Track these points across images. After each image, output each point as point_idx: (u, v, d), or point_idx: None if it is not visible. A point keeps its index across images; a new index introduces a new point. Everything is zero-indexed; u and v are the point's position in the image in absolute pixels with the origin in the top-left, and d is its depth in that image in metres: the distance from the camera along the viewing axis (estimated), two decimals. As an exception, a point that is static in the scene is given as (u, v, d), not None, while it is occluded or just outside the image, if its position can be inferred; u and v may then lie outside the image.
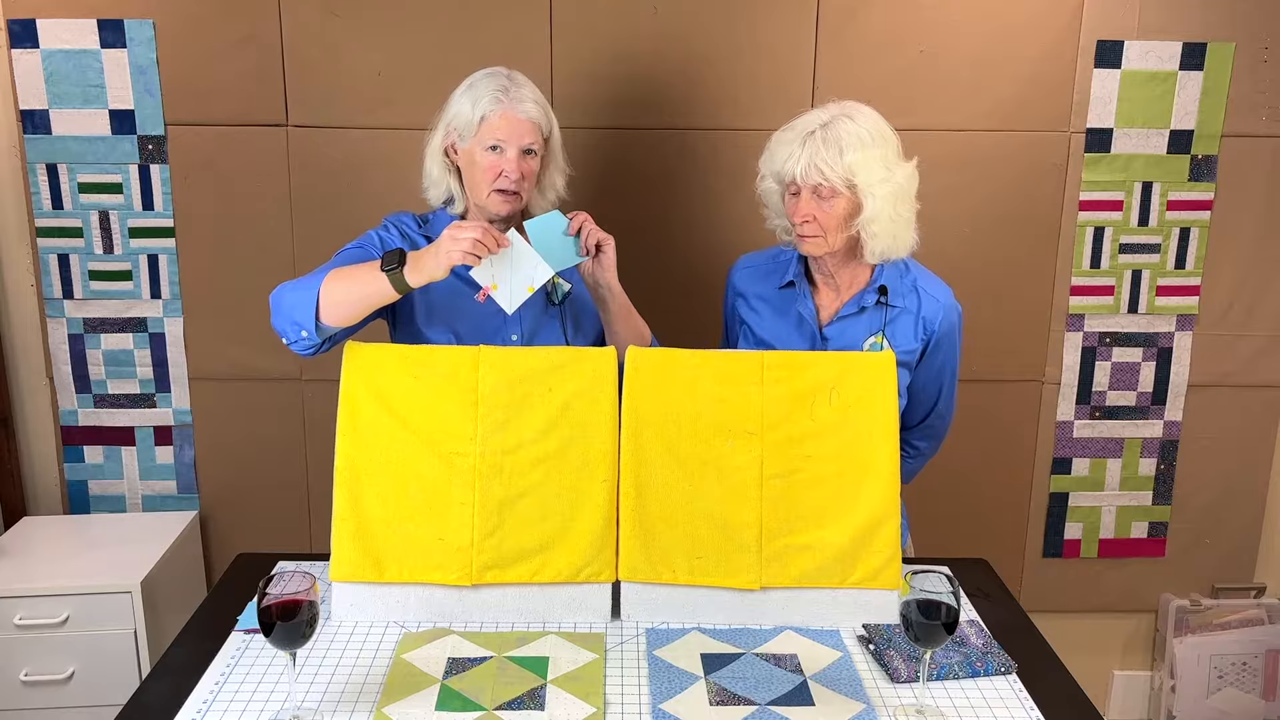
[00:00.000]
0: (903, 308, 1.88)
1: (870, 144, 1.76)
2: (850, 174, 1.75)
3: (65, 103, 2.45)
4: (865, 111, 1.80)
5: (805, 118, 1.82)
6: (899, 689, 1.52)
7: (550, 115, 1.89)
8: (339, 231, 2.52)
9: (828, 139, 1.75)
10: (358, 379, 1.69)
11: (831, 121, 1.77)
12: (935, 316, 1.88)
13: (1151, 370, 2.71)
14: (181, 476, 2.68)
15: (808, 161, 1.75)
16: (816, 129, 1.77)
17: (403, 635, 1.62)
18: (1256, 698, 2.79)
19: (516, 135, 1.82)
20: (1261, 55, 2.52)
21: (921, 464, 2.09)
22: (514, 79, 1.85)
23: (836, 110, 1.80)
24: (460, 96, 1.86)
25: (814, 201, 1.78)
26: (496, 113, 1.81)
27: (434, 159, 1.92)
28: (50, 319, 2.58)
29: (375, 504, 1.66)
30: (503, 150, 1.82)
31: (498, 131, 1.82)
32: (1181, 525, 2.81)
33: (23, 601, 2.29)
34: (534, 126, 1.83)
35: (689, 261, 2.59)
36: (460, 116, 1.84)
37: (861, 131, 1.76)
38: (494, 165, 1.83)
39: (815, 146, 1.75)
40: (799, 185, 1.79)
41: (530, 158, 1.85)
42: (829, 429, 1.69)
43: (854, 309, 1.88)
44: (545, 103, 1.88)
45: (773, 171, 1.85)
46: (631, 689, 1.50)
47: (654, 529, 1.67)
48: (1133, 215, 2.62)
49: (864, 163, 1.75)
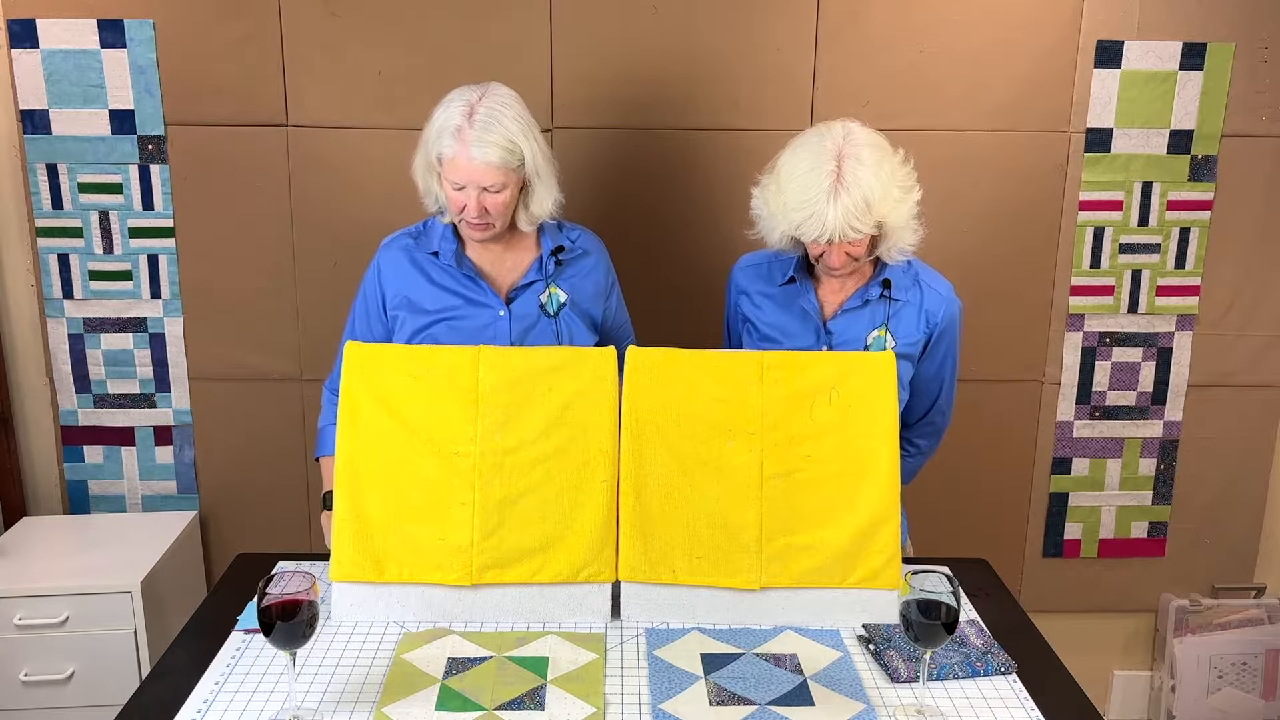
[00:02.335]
0: (905, 300, 1.89)
1: (885, 180, 1.73)
2: (878, 217, 1.74)
3: (65, 103, 2.45)
4: (857, 136, 1.75)
5: (803, 165, 1.75)
6: (899, 689, 1.52)
7: (521, 148, 1.79)
8: (339, 231, 2.54)
9: (849, 189, 1.70)
10: (358, 379, 1.69)
11: (842, 168, 1.71)
12: (938, 309, 1.89)
13: (1151, 370, 2.71)
14: (181, 476, 2.68)
15: (841, 224, 1.71)
16: (832, 184, 1.70)
17: (403, 635, 1.62)
18: (1256, 698, 2.79)
19: (473, 179, 1.78)
20: (1261, 55, 2.52)
21: (922, 462, 2.09)
22: (475, 117, 1.76)
23: (833, 148, 1.73)
24: (433, 121, 1.82)
25: (844, 247, 1.77)
26: (451, 156, 1.77)
27: (420, 171, 1.89)
28: (50, 319, 2.58)
29: (375, 504, 1.66)
30: (464, 189, 1.80)
31: (454, 174, 1.78)
32: (1181, 525, 2.81)
33: (23, 601, 2.29)
34: (492, 169, 1.77)
35: (688, 261, 2.59)
36: (429, 140, 1.82)
37: (877, 170, 1.72)
38: (457, 200, 1.81)
39: (842, 204, 1.70)
40: (832, 241, 1.76)
41: (495, 193, 1.80)
42: (829, 429, 1.69)
43: (858, 302, 1.89)
44: (516, 135, 1.78)
45: (790, 229, 1.78)
46: (631, 689, 1.50)
47: (654, 529, 1.67)
48: (1133, 215, 2.62)
49: (885, 202, 1.73)
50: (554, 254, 1.93)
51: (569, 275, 1.96)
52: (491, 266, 1.94)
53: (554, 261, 1.94)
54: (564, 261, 1.95)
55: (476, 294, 1.91)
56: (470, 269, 1.91)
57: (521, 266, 1.95)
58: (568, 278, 1.96)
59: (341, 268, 2.55)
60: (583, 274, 1.98)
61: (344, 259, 2.54)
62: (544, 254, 1.93)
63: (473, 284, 1.91)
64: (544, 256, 1.93)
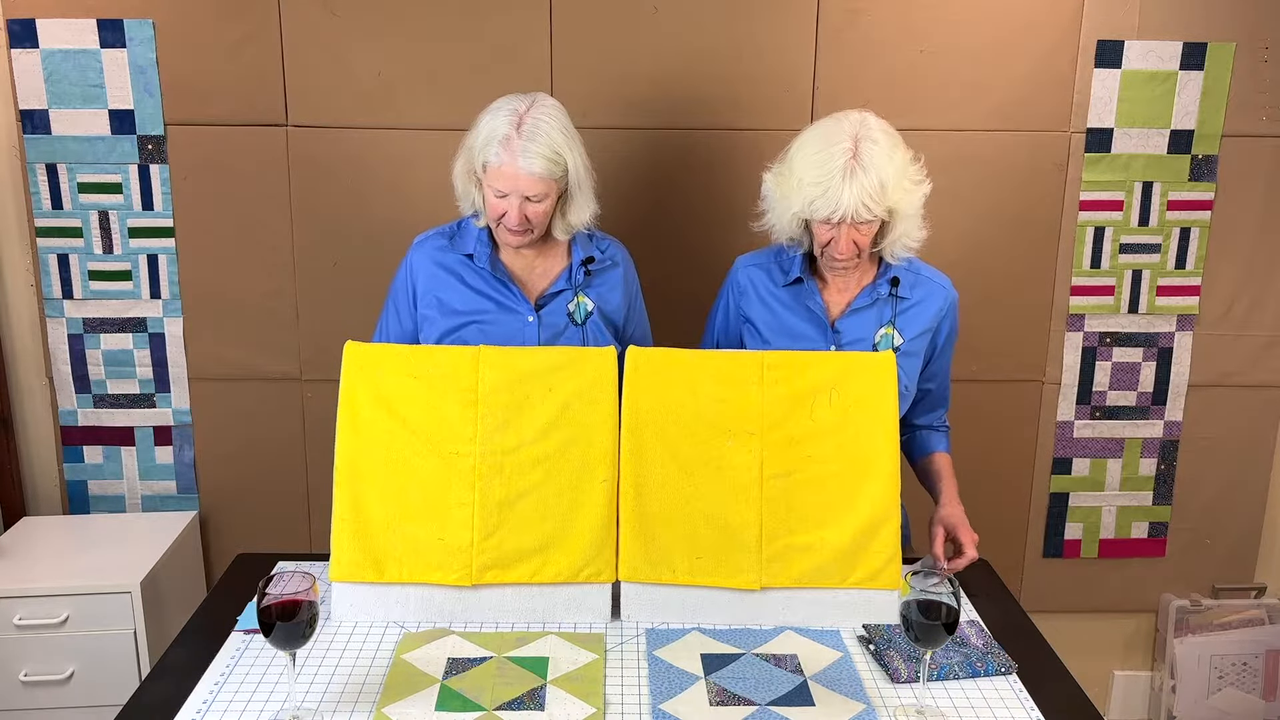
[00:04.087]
0: (910, 298, 1.90)
1: (899, 166, 1.74)
2: (890, 203, 1.75)
3: (65, 103, 2.45)
4: (872, 124, 1.76)
5: (818, 146, 1.75)
6: (899, 689, 1.52)
7: (565, 159, 1.81)
8: (339, 231, 2.54)
9: (866, 170, 1.71)
10: (358, 379, 1.69)
11: (858, 149, 1.72)
12: (941, 298, 1.92)
13: (1152, 370, 2.71)
14: (181, 476, 2.68)
15: (856, 202, 1.71)
16: (848, 163, 1.71)
17: (403, 635, 1.62)
18: (1256, 698, 2.79)
19: (517, 188, 1.80)
20: (1261, 55, 2.52)
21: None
22: (523, 127, 1.78)
23: (850, 131, 1.74)
24: (479, 128, 1.83)
25: (853, 231, 1.77)
26: (497, 165, 1.79)
27: (460, 176, 1.90)
28: (50, 319, 2.58)
29: (375, 504, 1.66)
30: (506, 197, 1.81)
31: (498, 182, 1.80)
32: (1181, 525, 2.81)
33: (23, 601, 2.29)
34: (536, 180, 1.79)
35: (688, 261, 2.59)
36: (473, 151, 1.84)
37: (891, 155, 1.73)
38: (497, 207, 1.83)
39: (859, 183, 1.70)
40: (844, 221, 1.75)
41: (537, 203, 1.82)
42: (829, 429, 1.69)
43: (866, 301, 1.89)
44: (562, 146, 1.80)
45: (805, 210, 1.77)
46: (631, 689, 1.50)
47: (654, 529, 1.67)
48: (1133, 215, 2.62)
49: (898, 188, 1.74)
50: (584, 264, 1.95)
51: (597, 285, 1.97)
52: (524, 272, 1.95)
53: (584, 271, 1.95)
54: (593, 272, 1.96)
55: (508, 298, 1.92)
56: (504, 273, 1.92)
57: (552, 274, 1.96)
58: (595, 287, 1.97)
59: (341, 268, 2.55)
60: (610, 285, 1.99)
61: (344, 259, 2.54)
62: (574, 263, 1.95)
63: (504, 288, 1.92)
64: (574, 265, 1.94)
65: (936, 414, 2.05)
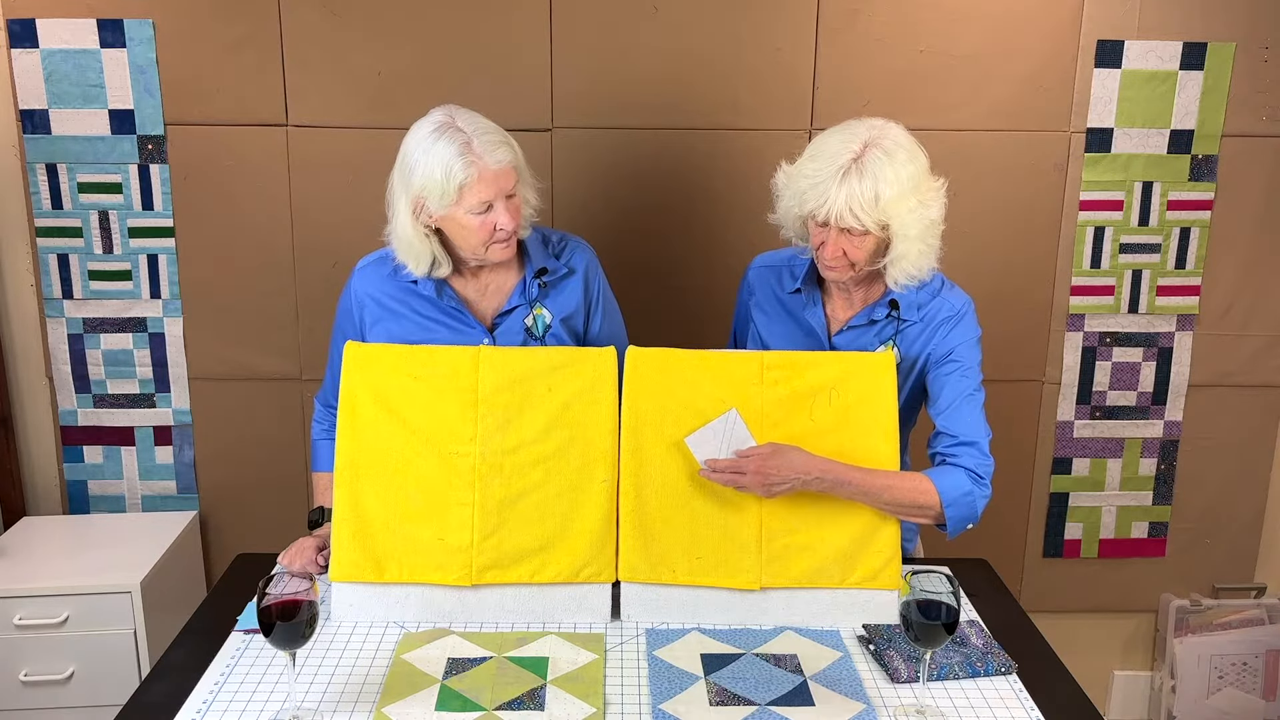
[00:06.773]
0: (911, 319, 1.81)
1: (905, 183, 1.66)
2: (885, 217, 1.66)
3: (65, 102, 2.45)
4: (894, 134, 1.69)
5: (831, 143, 1.70)
6: (899, 689, 1.52)
7: (513, 141, 1.75)
8: (339, 231, 2.54)
9: (863, 176, 1.64)
10: (358, 379, 1.69)
11: (864, 155, 1.65)
12: (943, 320, 1.80)
13: (1152, 370, 2.71)
14: (181, 476, 2.68)
15: (843, 205, 1.65)
16: (849, 164, 1.66)
17: (403, 635, 1.62)
18: (1256, 698, 2.79)
19: (500, 188, 1.71)
20: (1261, 55, 2.52)
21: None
22: (466, 130, 1.70)
23: (865, 135, 1.68)
24: (422, 162, 1.70)
25: (844, 239, 1.71)
26: (473, 176, 1.68)
27: (408, 228, 1.76)
28: (50, 319, 2.58)
29: (375, 504, 1.66)
30: (492, 207, 1.72)
31: (482, 194, 1.70)
32: (1181, 525, 2.81)
33: (23, 601, 2.29)
34: (509, 169, 1.72)
35: (688, 261, 2.59)
36: (431, 186, 1.70)
37: (899, 169, 1.65)
38: (486, 224, 1.73)
39: (851, 187, 1.64)
40: (829, 223, 1.70)
41: (512, 197, 1.75)
42: (829, 429, 1.69)
43: (864, 320, 1.84)
44: (503, 130, 1.75)
45: (798, 203, 1.74)
46: (631, 689, 1.50)
47: (654, 529, 1.67)
48: (1133, 215, 2.62)
49: (899, 205, 1.66)
50: (537, 276, 1.86)
51: (554, 295, 1.89)
52: (476, 295, 1.87)
53: (537, 285, 1.87)
54: (548, 284, 1.88)
55: (459, 324, 1.85)
56: (451, 298, 1.84)
57: (506, 289, 1.87)
58: (552, 297, 1.89)
59: (341, 268, 2.54)
60: (569, 291, 1.90)
61: (344, 259, 2.53)
62: (527, 277, 1.86)
63: (456, 313, 1.85)
64: (527, 279, 1.86)
65: (960, 454, 1.75)
